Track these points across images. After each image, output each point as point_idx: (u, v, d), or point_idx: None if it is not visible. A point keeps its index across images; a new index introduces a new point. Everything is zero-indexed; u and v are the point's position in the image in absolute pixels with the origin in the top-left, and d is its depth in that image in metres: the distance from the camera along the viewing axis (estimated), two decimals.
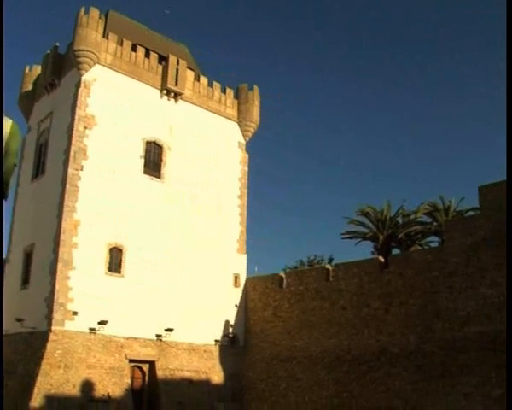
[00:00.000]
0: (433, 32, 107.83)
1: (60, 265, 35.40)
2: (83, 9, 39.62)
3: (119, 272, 37.94)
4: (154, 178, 41.05)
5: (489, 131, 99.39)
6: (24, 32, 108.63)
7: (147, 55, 42.77)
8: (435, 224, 44.23)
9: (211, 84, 46.20)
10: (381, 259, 37.52)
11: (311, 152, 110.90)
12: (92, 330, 35.64)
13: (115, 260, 37.81)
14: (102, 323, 35.61)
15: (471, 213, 39.45)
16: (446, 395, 31.11)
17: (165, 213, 40.84)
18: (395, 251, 45.00)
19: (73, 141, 37.60)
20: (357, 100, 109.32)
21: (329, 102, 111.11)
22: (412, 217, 46.38)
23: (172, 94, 43.06)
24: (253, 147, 48.53)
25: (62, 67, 42.14)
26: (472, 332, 31.31)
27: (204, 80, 45.90)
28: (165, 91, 42.75)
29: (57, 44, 43.20)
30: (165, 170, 41.78)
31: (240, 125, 46.90)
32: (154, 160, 41.46)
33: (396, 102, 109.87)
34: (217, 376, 40.48)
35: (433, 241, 45.98)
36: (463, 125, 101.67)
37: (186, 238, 41.47)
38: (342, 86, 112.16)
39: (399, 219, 47.39)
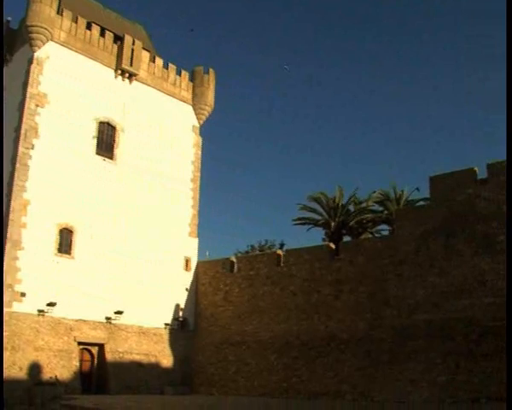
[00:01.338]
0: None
1: (8, 245, 34.56)
2: None
3: (69, 254, 37.28)
4: (107, 160, 40.38)
5: (442, 122, 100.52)
6: None
7: (102, 34, 41.95)
8: (386, 212, 44.53)
9: (166, 66, 45.58)
10: (332, 246, 37.67)
11: (266, 137, 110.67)
12: (41, 311, 34.98)
13: (65, 242, 37.10)
14: (51, 305, 35.01)
15: (422, 203, 39.72)
16: (394, 380, 31.38)
17: (118, 194, 40.24)
18: (346, 238, 45.16)
19: (24, 119, 36.71)
20: (314, 84, 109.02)
21: (285, 87, 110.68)
22: (364, 205, 46.58)
23: (127, 74, 42.38)
24: (208, 131, 48.08)
25: (14, 42, 41.06)
26: (420, 320, 31.65)
27: (159, 62, 45.25)
28: (119, 72, 42.01)
29: (9, 19, 42.14)
30: (117, 151, 41.14)
31: (194, 109, 46.41)
32: (106, 141, 40.74)
33: (353, 88, 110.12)
34: (166, 359, 40.22)
35: (384, 229, 46.38)
36: (418, 115, 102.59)
37: (138, 221, 40.97)
38: (298, 70, 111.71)
39: (351, 207, 47.54)
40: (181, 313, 42.01)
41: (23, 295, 34.39)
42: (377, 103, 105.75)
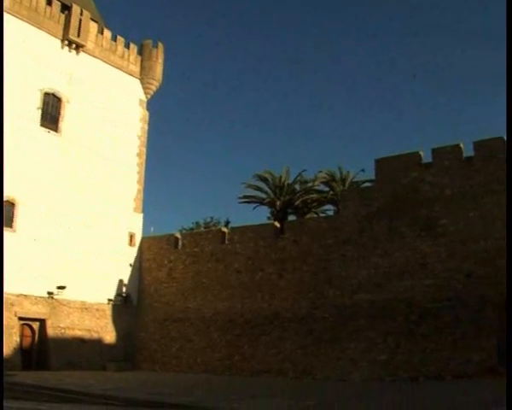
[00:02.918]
0: None
1: None
2: None
3: (11, 227, 36.14)
4: (52, 132, 39.20)
5: (390, 104, 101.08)
6: None
7: (49, 2, 40.44)
8: (332, 193, 44.61)
9: (114, 39, 44.40)
10: (277, 224, 37.54)
11: (214, 113, 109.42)
12: None
13: (7, 214, 35.89)
14: None
15: (367, 184, 39.79)
16: (335, 359, 31.61)
17: (62, 167, 39.17)
18: (291, 218, 45.11)
19: None
20: (266, 59, 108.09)
21: (236, 62, 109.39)
22: (310, 185, 46.54)
23: (74, 45, 41.07)
24: (155, 105, 47.15)
25: None
26: (362, 300, 31.88)
27: (107, 34, 44.03)
28: (66, 42, 40.67)
29: None
30: (63, 123, 39.97)
31: (142, 83, 45.39)
32: (51, 112, 39.51)
33: (301, 67, 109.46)
34: (109, 335, 39.59)
35: (329, 209, 46.55)
36: (366, 97, 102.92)
37: (82, 195, 40.00)
38: (246, 43, 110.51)
39: (297, 187, 47.47)
40: (124, 289, 41.36)
41: None
42: (325, 83, 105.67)
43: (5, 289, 34.15)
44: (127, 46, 45.19)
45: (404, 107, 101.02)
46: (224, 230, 40.37)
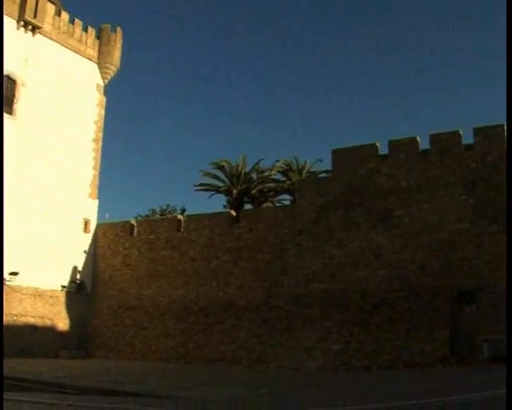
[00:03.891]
0: None
1: None
2: None
3: None
4: (6, 115, 37.63)
5: (349, 96, 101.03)
6: None
7: None
8: (288, 183, 44.12)
9: (72, 21, 42.95)
10: (233, 213, 37.03)
11: (173, 100, 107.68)
12: None
13: None
14: None
15: (324, 175, 39.41)
16: (289, 348, 31.37)
17: (16, 152, 37.74)
18: (248, 206, 44.52)
19: None
20: (226, 43, 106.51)
21: (195, 47, 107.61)
22: (266, 174, 45.98)
23: (30, 27, 39.53)
24: (113, 90, 45.93)
25: None
26: (317, 289, 31.60)
27: (65, 16, 42.56)
28: (22, 23, 39.07)
29: None
30: (18, 107, 38.50)
31: (99, 67, 44.07)
32: (6, 95, 37.96)
33: (264, 54, 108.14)
34: (62, 322, 38.50)
35: (286, 199, 46.08)
36: (327, 89, 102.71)
37: (36, 180, 38.63)
38: (206, 28, 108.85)
39: (254, 176, 46.81)
40: (78, 276, 40.25)
41: None
42: (285, 71, 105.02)
43: None
44: (85, 30, 43.80)
45: (364, 97, 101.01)
46: (180, 217, 39.59)
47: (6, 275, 35.57)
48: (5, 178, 36.13)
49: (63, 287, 39.17)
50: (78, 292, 40.00)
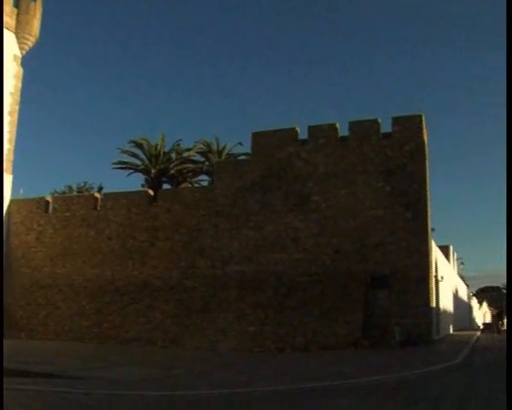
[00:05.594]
0: None
1: None
2: None
3: None
4: None
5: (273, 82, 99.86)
6: None
7: None
8: (208, 164, 42.62)
9: None
10: (151, 192, 35.35)
11: (93, 74, 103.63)
12: None
13: None
14: None
15: (244, 157, 38.09)
16: (204, 329, 30.69)
17: None
18: (166, 186, 42.73)
19: None
20: (150, 16, 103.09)
21: (115, 19, 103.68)
22: (186, 155, 44.24)
23: None
24: (31, 62, 42.88)
25: None
26: (233, 271, 30.97)
27: None
28: None
29: None
30: None
31: (17, 37, 40.82)
32: None
33: (181, 28, 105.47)
34: None
35: (204, 180, 44.84)
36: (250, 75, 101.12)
37: None
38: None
39: (173, 155, 44.93)
40: None
41: None
42: (207, 58, 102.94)
43: None
44: None
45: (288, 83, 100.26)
46: (97, 195, 37.50)
47: None
48: None
49: None
50: None
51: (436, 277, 31.82)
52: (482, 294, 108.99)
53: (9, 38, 40.09)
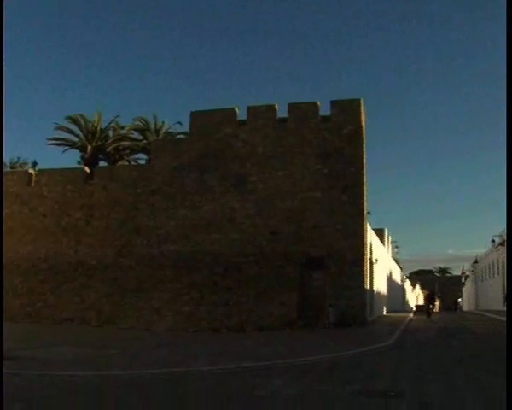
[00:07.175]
0: None
1: None
2: None
3: None
4: None
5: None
6: None
7: None
8: (145, 142, 40.77)
9: None
10: (87, 169, 33.69)
11: (30, 43, 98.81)
12: None
13: None
14: None
15: (182, 136, 36.47)
16: (139, 309, 29.53)
17: None
18: (102, 164, 40.71)
19: None
20: None
21: None
22: (123, 132, 42.16)
23: None
24: None
25: None
26: (169, 250, 29.89)
27: None
28: None
29: None
30: None
31: None
32: None
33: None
34: None
35: (141, 158, 43.22)
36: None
37: None
38: None
39: (110, 133, 42.82)
40: None
41: None
42: (148, 35, 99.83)
43: None
44: None
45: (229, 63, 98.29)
46: (31, 171, 35.44)
47: None
48: None
49: None
50: None
51: (371, 259, 31.29)
52: (416, 276, 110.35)
53: None
